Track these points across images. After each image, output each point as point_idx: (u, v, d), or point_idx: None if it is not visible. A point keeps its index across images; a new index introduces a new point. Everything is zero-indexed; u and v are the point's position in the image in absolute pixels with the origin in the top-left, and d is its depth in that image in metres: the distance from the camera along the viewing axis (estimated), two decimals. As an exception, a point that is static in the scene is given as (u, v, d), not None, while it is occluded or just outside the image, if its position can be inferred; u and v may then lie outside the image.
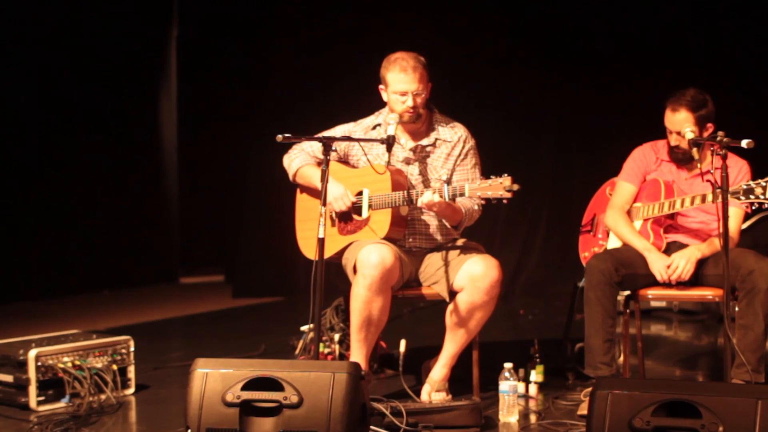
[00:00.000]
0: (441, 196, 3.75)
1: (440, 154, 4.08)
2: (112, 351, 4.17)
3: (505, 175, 3.63)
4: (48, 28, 7.40)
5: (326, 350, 4.75)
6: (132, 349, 4.25)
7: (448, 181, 3.86)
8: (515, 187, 3.60)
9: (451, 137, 4.09)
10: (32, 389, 3.92)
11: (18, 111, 7.24)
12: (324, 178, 3.59)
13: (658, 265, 3.97)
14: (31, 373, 3.92)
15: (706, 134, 4.01)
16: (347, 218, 4.09)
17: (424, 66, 3.97)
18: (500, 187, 3.62)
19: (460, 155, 4.07)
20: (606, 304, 3.91)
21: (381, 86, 4.04)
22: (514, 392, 3.79)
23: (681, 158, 4.11)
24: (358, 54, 4.63)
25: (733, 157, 4.02)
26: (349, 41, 7.39)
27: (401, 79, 3.93)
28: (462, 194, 3.72)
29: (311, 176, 4.12)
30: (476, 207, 4.01)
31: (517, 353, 4.29)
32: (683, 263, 3.93)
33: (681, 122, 4.00)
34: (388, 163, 3.89)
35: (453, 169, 4.07)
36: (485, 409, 3.83)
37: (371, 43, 4.73)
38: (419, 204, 3.83)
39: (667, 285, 4.00)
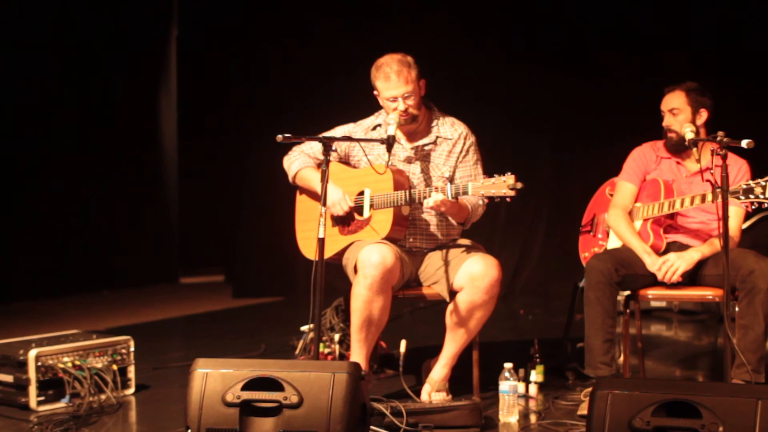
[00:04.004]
0: (444, 194, 3.75)
1: (441, 152, 4.08)
2: (112, 351, 4.17)
3: (509, 173, 3.63)
4: (48, 27, 7.40)
5: (326, 350, 4.75)
6: (132, 349, 4.25)
7: (451, 179, 3.85)
8: (518, 185, 3.60)
9: (452, 134, 4.09)
10: (32, 389, 3.92)
11: (18, 111, 7.24)
12: (324, 179, 3.59)
13: (655, 266, 3.97)
14: (31, 373, 3.92)
15: (699, 119, 4.05)
16: (348, 218, 4.09)
17: (410, 66, 3.95)
18: (503, 185, 3.61)
19: (461, 152, 4.08)
20: (606, 304, 3.90)
21: (374, 92, 4.05)
22: (514, 392, 3.79)
23: (675, 142, 4.10)
24: (358, 53, 4.62)
25: (733, 157, 4.02)
26: (348, 40, 7.39)
27: (388, 87, 3.93)
28: (465, 193, 3.72)
29: (311, 179, 4.12)
30: (480, 202, 4.00)
31: (517, 353, 4.28)
32: (676, 262, 3.93)
33: (673, 98, 4.07)
34: (389, 163, 3.89)
35: (455, 166, 4.07)
36: (485, 409, 3.83)
37: (371, 42, 4.73)
38: (426, 206, 3.83)
39: (667, 285, 4.00)
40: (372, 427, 3.44)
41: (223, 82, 8.18)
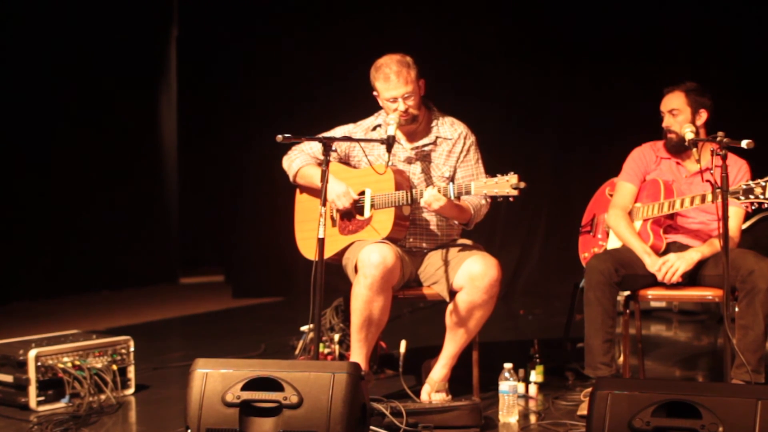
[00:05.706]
0: (445, 195, 3.74)
1: (441, 152, 4.08)
2: (112, 351, 4.17)
3: (512, 173, 3.63)
4: (48, 28, 7.40)
5: (326, 350, 4.75)
6: (132, 349, 4.25)
7: (452, 179, 3.84)
8: (522, 184, 3.60)
9: (452, 134, 4.09)
10: (32, 389, 3.92)
11: (18, 111, 7.24)
12: (324, 178, 3.59)
13: (655, 267, 3.97)
14: (31, 373, 3.92)
15: (699, 120, 4.05)
16: (349, 218, 4.09)
17: (409, 66, 3.95)
18: (506, 184, 3.62)
19: (462, 152, 4.08)
20: (606, 305, 3.90)
21: (374, 92, 4.05)
22: (514, 392, 3.79)
23: (675, 143, 4.11)
24: (359, 53, 4.62)
25: (733, 157, 4.02)
26: (348, 40, 7.39)
27: (387, 87, 3.93)
28: (468, 192, 3.71)
29: (313, 176, 4.11)
30: (483, 202, 4.00)
31: (517, 353, 4.29)
32: (676, 263, 3.93)
33: (672, 99, 4.07)
34: (389, 163, 3.89)
35: (456, 166, 4.07)
36: (485, 409, 3.83)
37: (371, 42, 4.72)
38: (421, 203, 3.83)
39: (667, 285, 4.00)
40: (372, 427, 3.44)
41: (223, 83, 8.18)
